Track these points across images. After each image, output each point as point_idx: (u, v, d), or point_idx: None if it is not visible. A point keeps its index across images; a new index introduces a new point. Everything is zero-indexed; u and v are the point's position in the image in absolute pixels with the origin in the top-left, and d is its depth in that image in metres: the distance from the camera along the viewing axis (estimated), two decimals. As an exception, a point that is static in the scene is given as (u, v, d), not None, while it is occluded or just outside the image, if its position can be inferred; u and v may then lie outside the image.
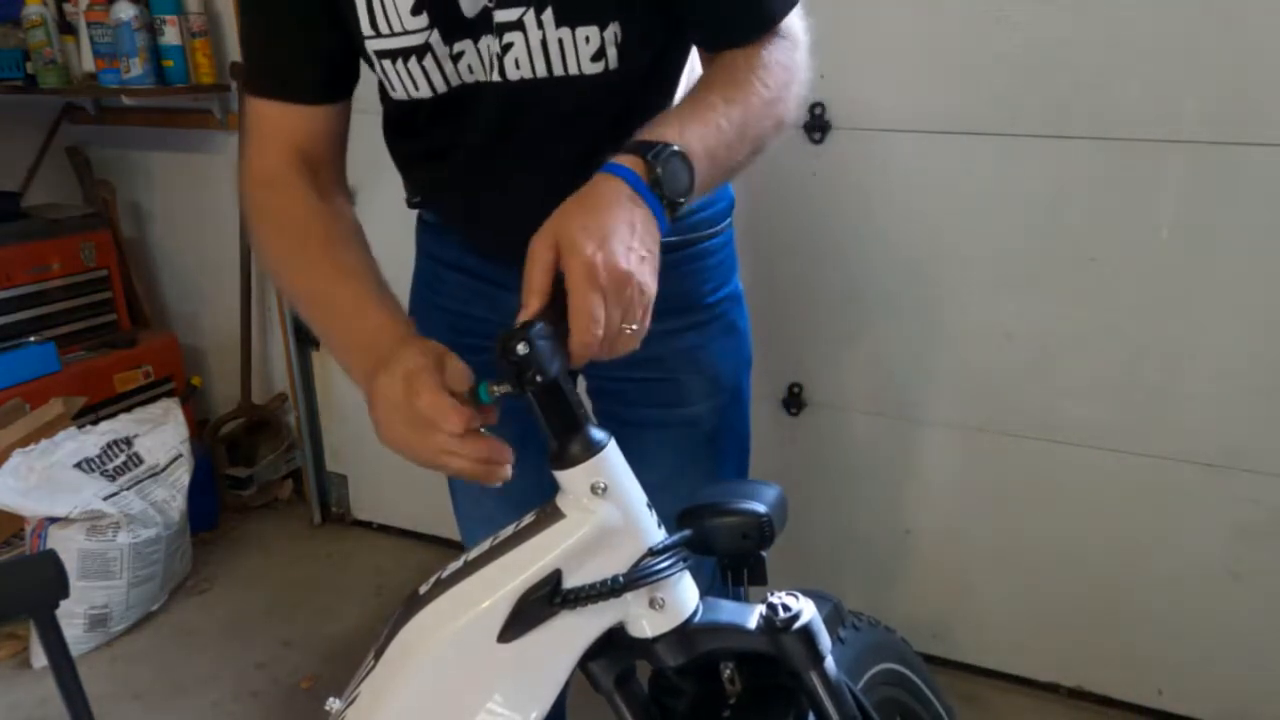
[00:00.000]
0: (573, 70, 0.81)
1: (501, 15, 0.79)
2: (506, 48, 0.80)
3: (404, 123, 0.93)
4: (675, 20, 0.83)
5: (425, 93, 0.84)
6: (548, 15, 0.78)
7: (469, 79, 0.84)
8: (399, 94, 0.85)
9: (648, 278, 0.65)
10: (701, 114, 0.74)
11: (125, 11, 2.06)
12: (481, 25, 0.80)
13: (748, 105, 0.77)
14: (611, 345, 0.64)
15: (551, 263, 0.64)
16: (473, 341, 1.01)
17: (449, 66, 0.83)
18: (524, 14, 0.78)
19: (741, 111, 0.77)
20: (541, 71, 0.81)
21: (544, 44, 0.80)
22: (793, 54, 0.83)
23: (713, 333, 1.03)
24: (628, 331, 0.64)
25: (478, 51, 0.82)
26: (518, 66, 0.81)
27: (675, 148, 0.69)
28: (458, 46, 0.81)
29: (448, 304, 1.03)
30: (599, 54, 0.81)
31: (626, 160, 0.69)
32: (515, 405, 0.63)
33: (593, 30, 0.79)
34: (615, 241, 0.63)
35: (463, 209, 1.00)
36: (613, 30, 0.80)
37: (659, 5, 0.81)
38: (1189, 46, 1.43)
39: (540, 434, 0.64)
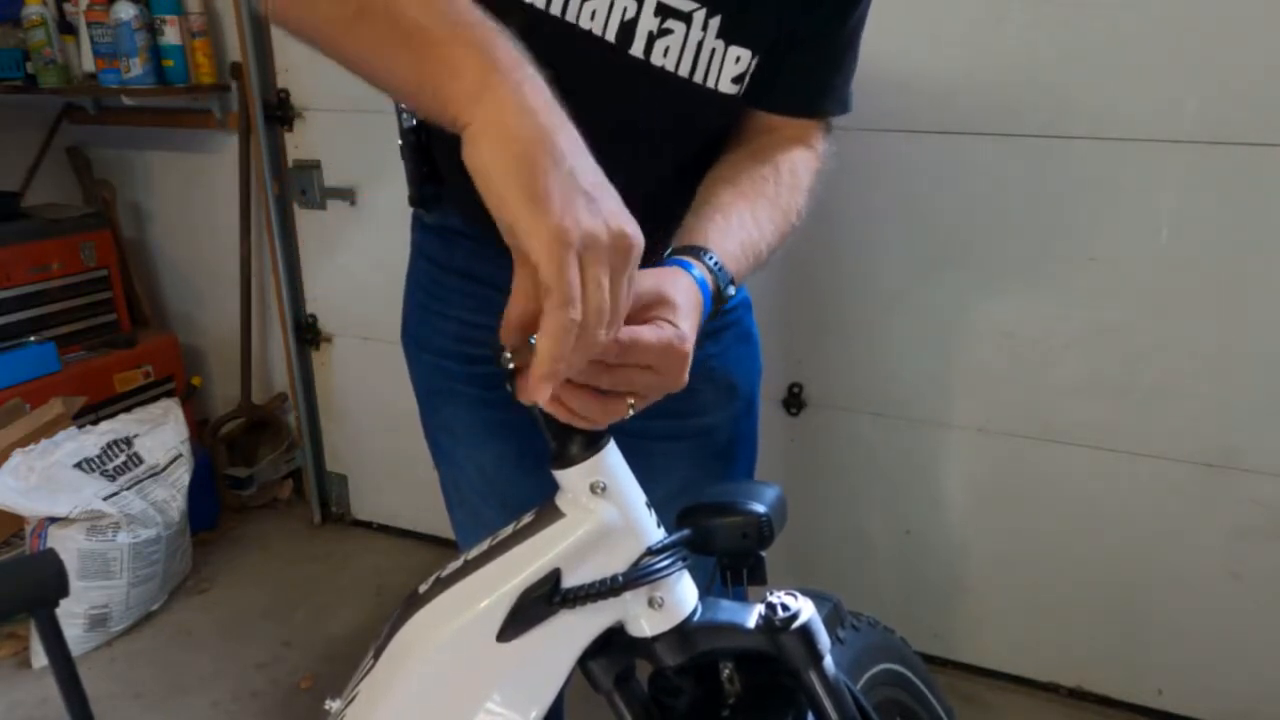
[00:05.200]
0: (710, 84, 0.81)
1: (673, 0, 0.77)
2: (664, 32, 0.79)
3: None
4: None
5: None
6: (715, 23, 0.78)
7: (581, 23, 0.77)
8: None
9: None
10: (756, 246, 0.77)
11: (125, 11, 2.06)
12: None
13: (783, 236, 0.83)
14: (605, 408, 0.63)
15: None
16: (479, 352, 0.99)
17: None
18: (696, 10, 0.78)
19: (779, 243, 0.82)
20: (685, 72, 0.81)
21: (699, 47, 0.80)
22: (819, 181, 0.89)
23: (727, 341, 1.01)
24: (628, 403, 0.62)
25: (609, 4, 0.77)
26: (665, 55, 0.80)
27: (735, 290, 0.73)
28: None
29: (454, 312, 0.99)
30: (739, 78, 0.81)
31: (708, 278, 0.69)
32: (514, 417, 0.62)
33: (745, 54, 0.80)
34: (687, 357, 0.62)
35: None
36: (756, 61, 0.81)
37: (781, 54, 0.83)
38: (1189, 46, 1.43)
39: (539, 441, 0.64)
